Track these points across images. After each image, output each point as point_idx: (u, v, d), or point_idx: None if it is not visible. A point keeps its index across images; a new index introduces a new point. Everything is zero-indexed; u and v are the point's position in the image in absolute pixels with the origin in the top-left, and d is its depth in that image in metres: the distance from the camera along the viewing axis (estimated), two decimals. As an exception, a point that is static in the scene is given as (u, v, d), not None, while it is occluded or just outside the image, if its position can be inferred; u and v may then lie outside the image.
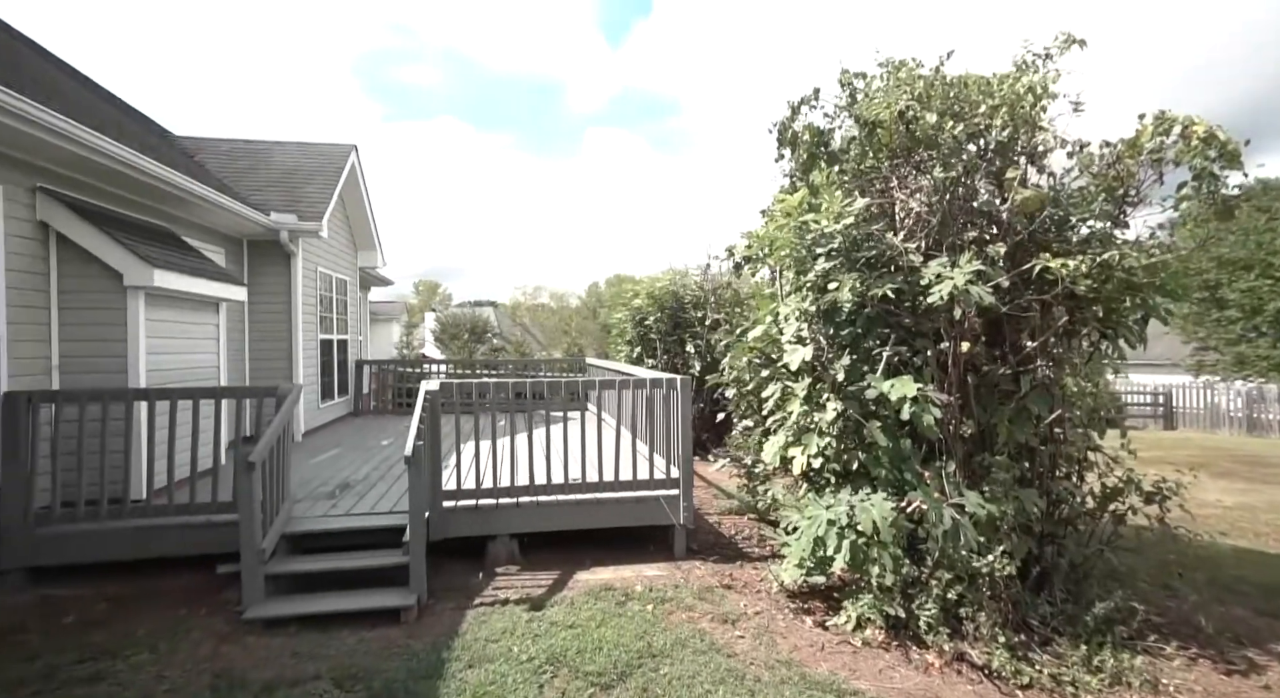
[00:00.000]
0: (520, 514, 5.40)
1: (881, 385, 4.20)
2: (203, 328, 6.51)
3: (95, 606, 4.52)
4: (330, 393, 10.28)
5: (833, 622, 4.42)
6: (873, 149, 4.75)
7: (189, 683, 3.50)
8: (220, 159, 9.69)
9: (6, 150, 4.75)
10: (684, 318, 11.98)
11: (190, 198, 6.52)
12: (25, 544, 4.67)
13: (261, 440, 4.55)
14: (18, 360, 4.82)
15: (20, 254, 4.89)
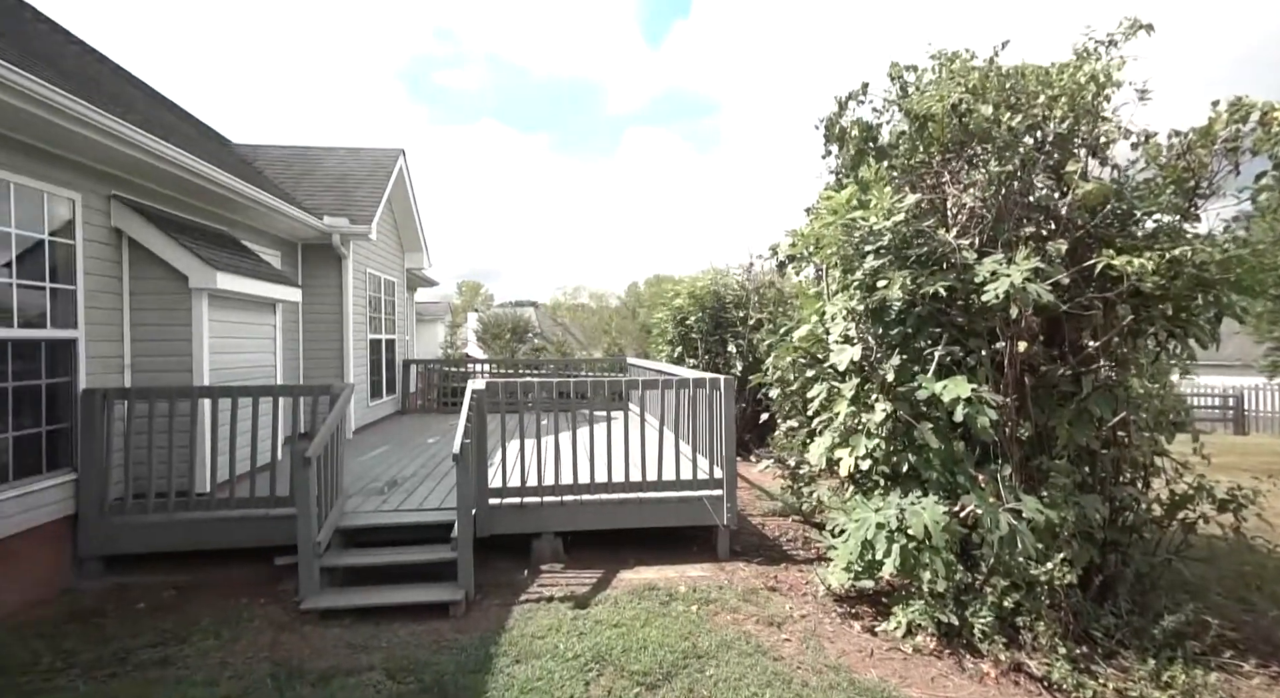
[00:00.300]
0: (564, 513, 5.45)
1: (933, 386, 4.08)
2: (261, 328, 6.76)
3: (163, 593, 4.74)
4: (379, 392, 10.56)
5: (882, 627, 4.32)
6: (923, 143, 4.63)
7: (251, 670, 3.64)
8: (275, 165, 10.06)
9: (85, 160, 5.02)
10: (725, 317, 11.90)
11: (250, 203, 6.78)
12: (101, 533, 4.93)
13: (317, 437, 4.70)
14: (94, 359, 5.09)
15: (97, 259, 5.17)
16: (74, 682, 3.50)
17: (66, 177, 4.88)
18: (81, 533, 4.90)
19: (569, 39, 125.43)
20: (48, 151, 4.68)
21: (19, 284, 4.48)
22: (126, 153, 4.95)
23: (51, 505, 4.70)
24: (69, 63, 5.80)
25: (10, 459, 4.41)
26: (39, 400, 4.65)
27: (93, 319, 5.09)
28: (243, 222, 7.50)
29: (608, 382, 5.67)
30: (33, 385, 4.60)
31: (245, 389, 5.25)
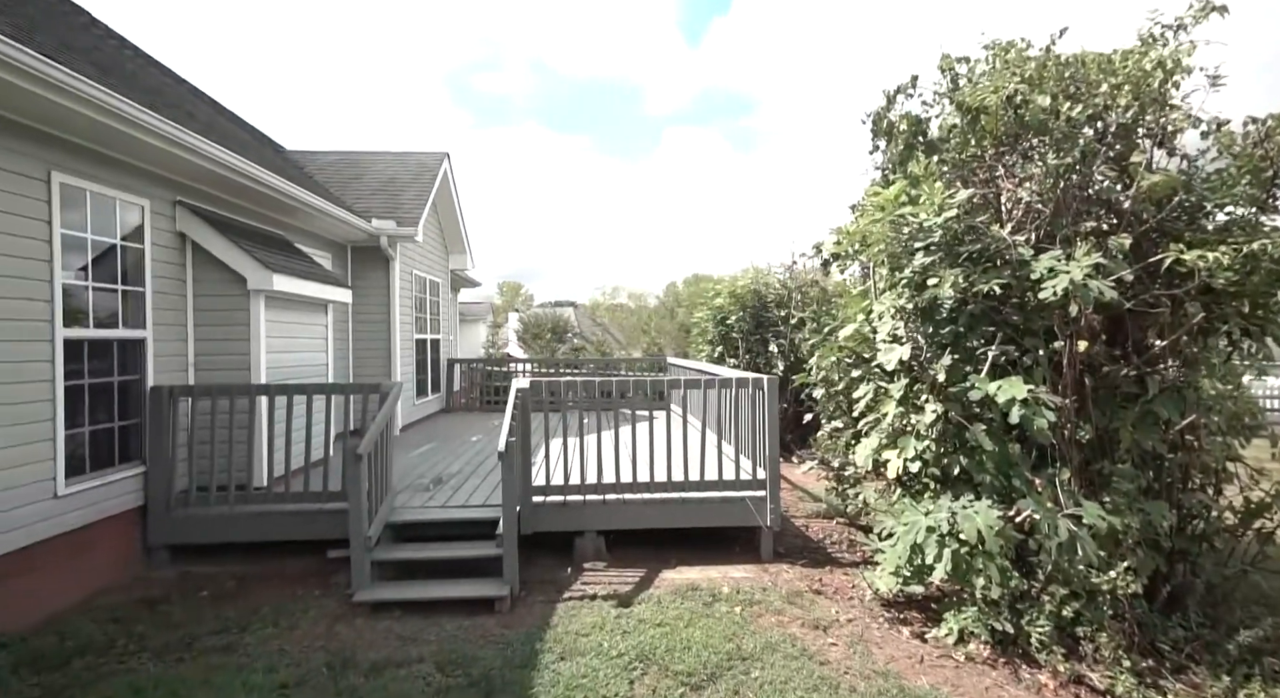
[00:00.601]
0: (607, 511, 5.47)
1: (987, 387, 3.96)
2: (313, 328, 6.99)
3: (225, 583, 4.94)
4: (424, 390, 10.80)
5: (932, 634, 4.21)
6: (975, 137, 4.49)
7: (307, 659, 3.76)
8: (326, 171, 10.38)
9: (153, 168, 5.27)
10: (767, 317, 11.78)
11: (304, 208, 7.02)
12: (168, 524, 5.17)
13: (367, 435, 4.83)
14: (161, 358, 5.34)
15: (163, 262, 5.42)
16: (145, 664, 3.68)
17: (136, 184, 5.13)
18: (150, 523, 5.15)
19: (608, 41, 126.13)
20: (119, 160, 4.93)
21: (94, 286, 4.73)
22: (191, 161, 5.18)
23: (123, 497, 4.95)
24: (140, 77, 6.09)
25: (87, 452, 4.66)
26: (111, 397, 4.90)
27: (159, 320, 5.34)
28: (296, 225, 7.76)
29: (650, 381, 5.68)
30: (106, 383, 4.85)
31: (300, 387, 5.43)
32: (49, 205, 4.32)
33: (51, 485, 4.30)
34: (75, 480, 4.50)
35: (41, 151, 4.28)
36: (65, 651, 3.77)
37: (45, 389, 4.27)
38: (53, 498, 4.31)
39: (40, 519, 4.23)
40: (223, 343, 5.78)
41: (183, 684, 3.45)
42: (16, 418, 4.06)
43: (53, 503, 4.31)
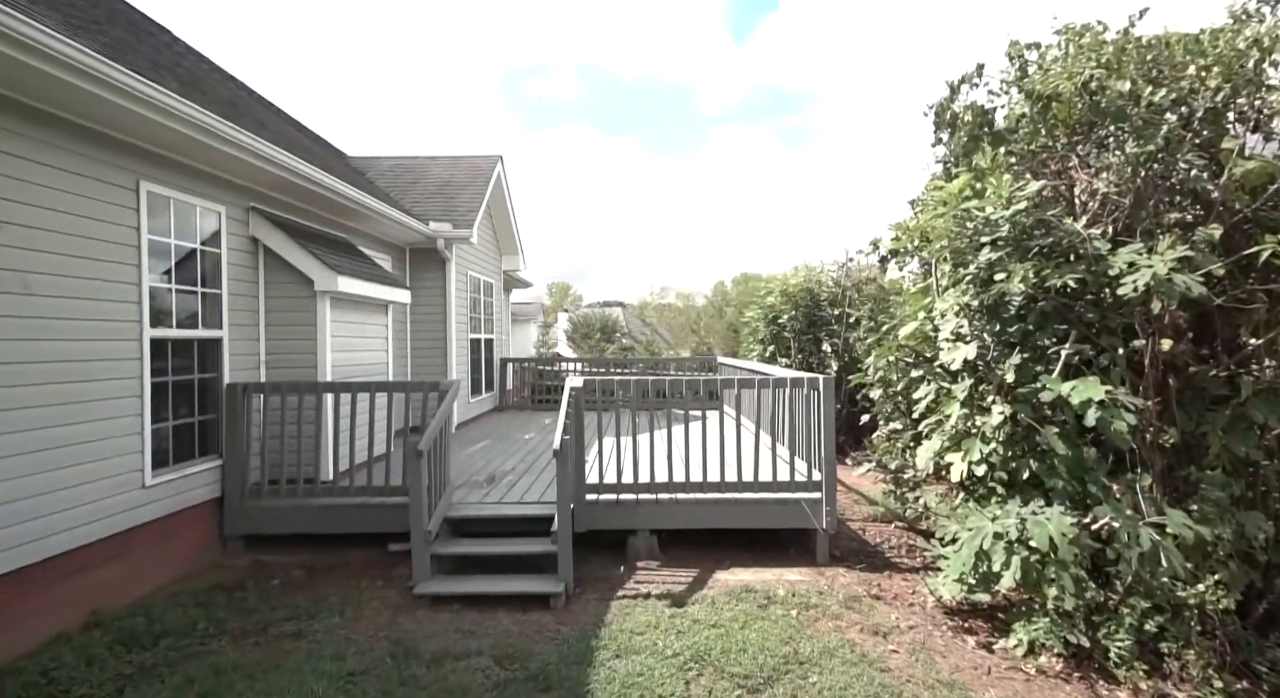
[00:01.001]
0: (660, 511, 5.47)
1: (1059, 387, 3.78)
2: (374, 328, 7.23)
3: (294, 572, 5.16)
4: (478, 388, 11.03)
5: (1001, 645, 4.05)
6: (1046, 126, 4.29)
7: (372, 648, 3.89)
8: (386, 175, 10.72)
9: (229, 177, 5.55)
10: (820, 316, 11.57)
11: (367, 212, 7.27)
12: (242, 515, 5.43)
13: (427, 432, 4.96)
14: (235, 357, 5.62)
15: (238, 265, 5.70)
16: (224, 647, 3.87)
17: (214, 191, 5.41)
18: (226, 513, 5.42)
19: (657, 42, 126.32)
20: (199, 169, 5.21)
21: (176, 289, 5.01)
22: (266, 169, 5.43)
23: (202, 488, 5.23)
24: (217, 90, 6.43)
25: (170, 445, 4.94)
26: (192, 393, 5.19)
27: (234, 320, 5.62)
28: (358, 228, 8.05)
29: (704, 381, 5.65)
30: (187, 380, 5.13)
31: (363, 385, 5.63)
32: (138, 213, 4.59)
33: (140, 476, 4.58)
34: (160, 472, 4.77)
35: (131, 163, 4.56)
36: (154, 632, 4.00)
37: (134, 386, 4.54)
38: (141, 488, 4.59)
39: (130, 508, 4.50)
40: (291, 342, 6.04)
41: (258, 668, 3.61)
42: (110, 412, 4.34)
43: (141, 493, 4.59)
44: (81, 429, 4.12)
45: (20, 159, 3.75)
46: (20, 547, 3.75)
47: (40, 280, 3.86)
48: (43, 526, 3.88)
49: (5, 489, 3.66)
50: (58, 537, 3.97)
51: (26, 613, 3.80)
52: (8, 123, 3.68)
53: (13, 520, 3.70)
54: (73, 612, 4.08)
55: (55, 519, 3.95)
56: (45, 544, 3.90)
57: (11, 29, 3.17)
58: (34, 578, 3.84)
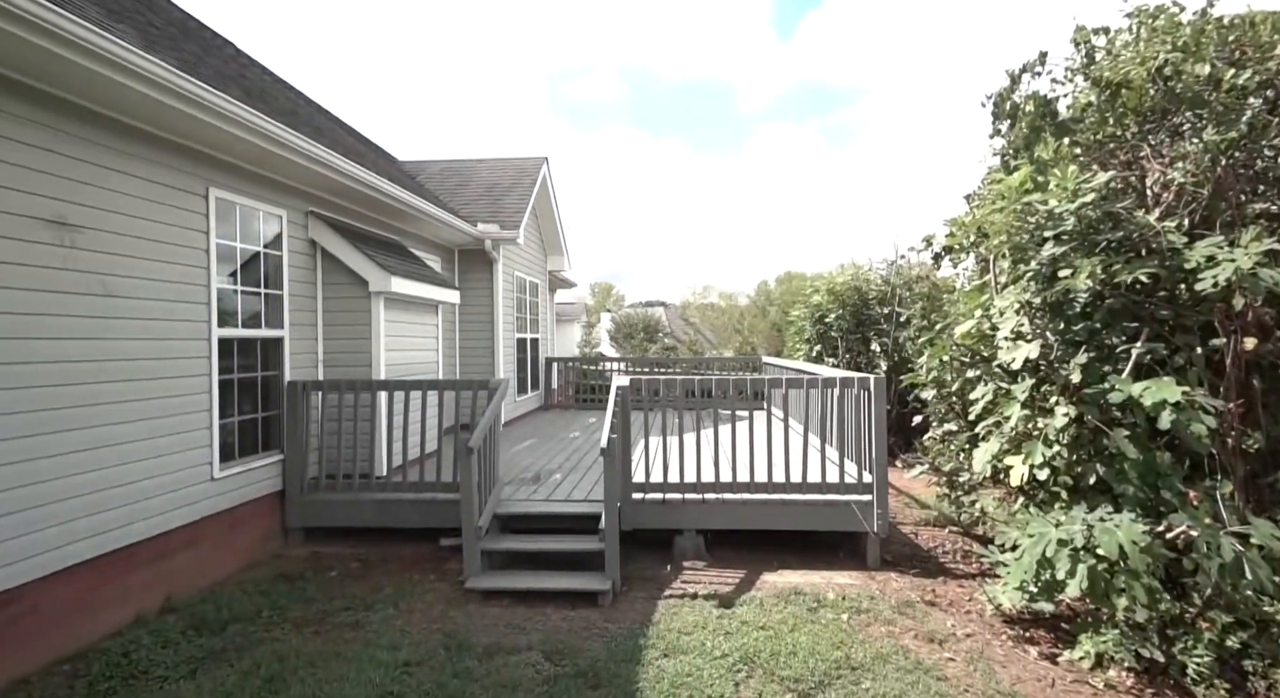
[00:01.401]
0: (706, 511, 5.44)
1: (1130, 388, 3.60)
2: (425, 327, 7.40)
3: (350, 564, 5.32)
4: (524, 387, 11.18)
5: (1066, 656, 3.88)
6: (1114, 115, 4.10)
7: (426, 639, 3.98)
8: (435, 179, 10.97)
9: (290, 182, 5.77)
10: (867, 315, 11.33)
11: (419, 214, 7.45)
12: (301, 508, 5.64)
13: (477, 429, 5.05)
14: (296, 355, 5.83)
15: (298, 267, 5.92)
16: (287, 634, 4.03)
17: (276, 196, 5.63)
18: (287, 506, 5.63)
19: (699, 41, 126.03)
20: (263, 176, 5.43)
21: (241, 290, 5.23)
22: (325, 174, 5.63)
23: (265, 481, 5.45)
24: (277, 99, 6.69)
25: (235, 440, 5.16)
26: (255, 391, 5.41)
27: (295, 320, 5.84)
28: (409, 230, 8.26)
29: (749, 380, 5.59)
30: (251, 378, 5.35)
31: (415, 383, 5.77)
32: (207, 218, 4.82)
33: (209, 469, 4.80)
34: (227, 465, 4.99)
35: (202, 170, 4.78)
36: (222, 618, 4.19)
37: (203, 383, 4.76)
38: (209, 480, 4.81)
39: (200, 499, 4.73)
40: (347, 341, 6.24)
41: (319, 656, 3.74)
42: (181, 408, 4.56)
43: (210, 485, 4.81)
44: (156, 424, 4.34)
45: (103, 168, 3.98)
46: (107, 533, 3.98)
47: (118, 282, 4.08)
48: (125, 514, 4.10)
49: (92, 479, 3.89)
50: (137, 525, 4.19)
51: (111, 596, 4.02)
52: (93, 135, 3.91)
53: (100, 508, 3.93)
54: (151, 596, 4.30)
55: (135, 508, 4.17)
56: (127, 532, 4.13)
57: (108, 51, 3.37)
58: (118, 563, 4.06)
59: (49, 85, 3.60)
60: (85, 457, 3.85)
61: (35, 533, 3.56)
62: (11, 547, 3.44)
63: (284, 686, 3.43)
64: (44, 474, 3.61)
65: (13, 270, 3.46)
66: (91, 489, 3.89)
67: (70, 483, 3.75)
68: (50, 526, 3.65)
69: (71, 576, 3.78)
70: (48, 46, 3.17)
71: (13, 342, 3.47)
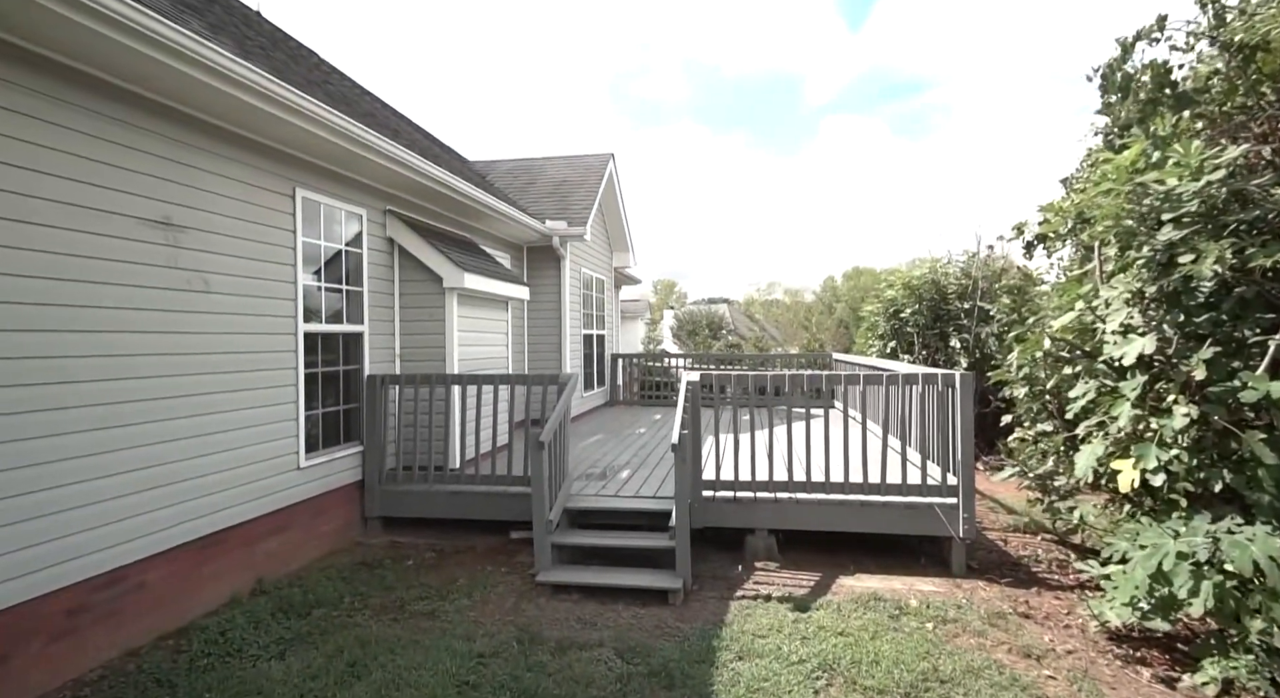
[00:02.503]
0: (779, 510, 5.28)
1: (1267, 386, 3.22)
2: (495, 323, 7.52)
3: (425, 554, 5.45)
4: (590, 383, 11.24)
5: (1188, 682, 3.52)
6: (1247, 83, 3.67)
7: (499, 631, 4.01)
8: (504, 178, 11.16)
9: (370, 182, 5.96)
10: (945, 310, 10.78)
11: (489, 212, 7.58)
12: (380, 498, 5.82)
13: (548, 424, 5.07)
14: (375, 350, 6.03)
15: (377, 264, 6.11)
16: (368, 621, 4.14)
17: (356, 196, 5.83)
18: (366, 496, 5.83)
19: (764, 33, 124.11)
20: (345, 176, 5.62)
21: (325, 287, 5.44)
22: (404, 174, 5.79)
23: (346, 472, 5.65)
24: (357, 103, 6.94)
25: (320, 431, 5.38)
26: (338, 384, 5.62)
27: (374, 316, 6.03)
28: (480, 228, 8.41)
29: (825, 376, 5.38)
30: (334, 372, 5.56)
31: (487, 378, 5.85)
32: (294, 217, 5.02)
33: (296, 458, 5.01)
34: (312, 455, 5.20)
35: (289, 171, 4.98)
36: (307, 602, 4.36)
37: (290, 376, 4.97)
38: (296, 469, 5.02)
39: (288, 487, 4.94)
40: (422, 336, 6.40)
41: (397, 643, 3.82)
42: (272, 400, 4.77)
43: (296, 474, 5.02)
44: (250, 414, 4.55)
45: (201, 171, 4.20)
46: (208, 516, 4.22)
47: (217, 280, 4.30)
48: (221, 499, 4.33)
49: (195, 465, 4.11)
50: (231, 510, 4.41)
51: (208, 577, 4.25)
52: (193, 139, 4.13)
53: (200, 493, 4.16)
54: (244, 578, 4.52)
55: (229, 494, 4.40)
56: (223, 516, 4.35)
57: (213, 61, 3.56)
58: (214, 547, 4.29)
59: (155, 93, 3.81)
60: (189, 444, 4.08)
61: (144, 514, 3.79)
62: (124, 527, 3.68)
63: (365, 671, 3.52)
64: (156, 459, 3.84)
65: (127, 268, 3.69)
66: (194, 475, 4.11)
67: (175, 469, 3.98)
68: (159, 508, 3.88)
69: (174, 557, 4.01)
70: (158, 57, 3.36)
71: (130, 336, 3.71)
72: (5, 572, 3.09)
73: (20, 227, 3.16)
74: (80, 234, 3.44)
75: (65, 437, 3.36)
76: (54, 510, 3.31)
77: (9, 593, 3.11)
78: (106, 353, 3.58)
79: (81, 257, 3.44)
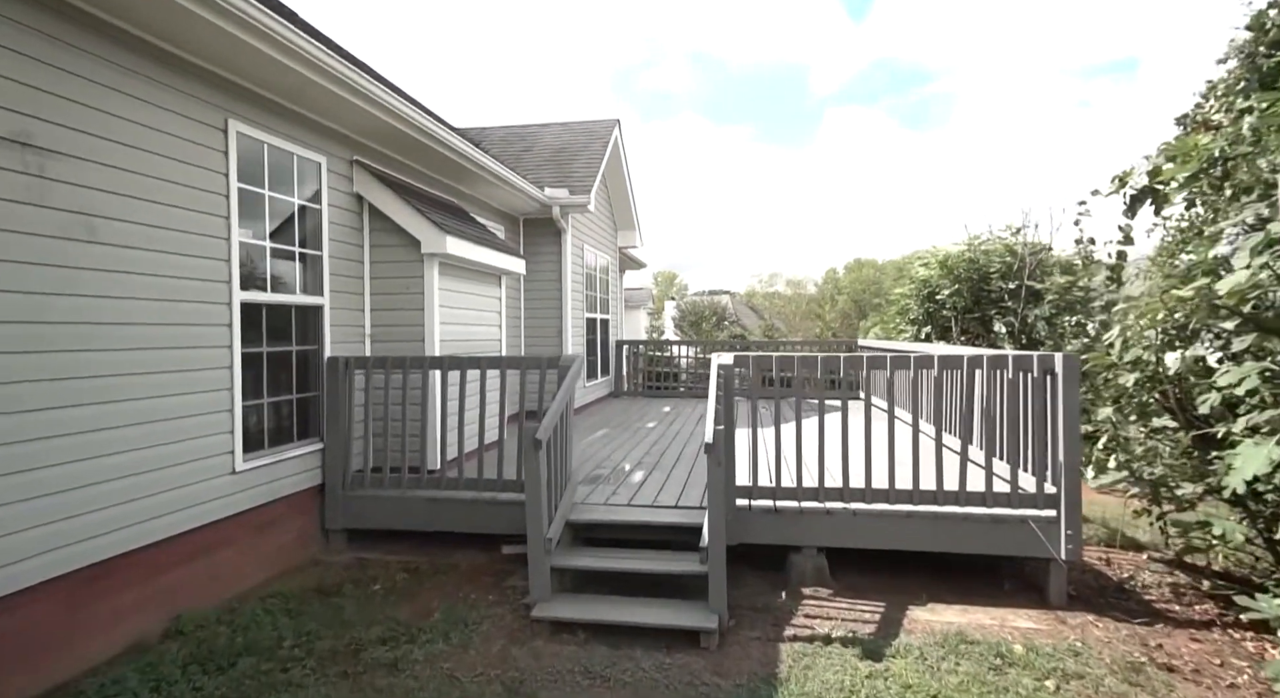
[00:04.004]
0: (831, 524, 4.28)
1: None
2: (486, 300, 6.50)
3: (396, 575, 4.45)
4: (594, 372, 10.22)
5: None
6: None
7: (481, 691, 3.02)
8: (497, 145, 10.10)
9: (332, 125, 4.91)
10: (986, 292, 9.75)
11: (480, 171, 6.55)
12: (344, 506, 4.81)
13: (546, 417, 4.06)
14: (338, 328, 5.01)
15: (341, 225, 5.08)
16: (307, 677, 3.14)
17: (313, 139, 4.79)
18: (328, 504, 4.82)
19: (768, 25, 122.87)
20: (297, 113, 4.58)
21: (271, 247, 4.40)
22: (372, 114, 4.75)
23: (302, 474, 4.64)
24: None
25: (265, 426, 4.36)
26: (289, 368, 4.60)
27: (337, 286, 5.00)
28: (470, 194, 7.38)
29: (889, 358, 4.36)
30: (283, 352, 4.54)
31: (474, 361, 4.84)
32: (226, 156, 3.98)
33: (229, 460, 4.00)
34: (253, 456, 4.19)
35: (218, 98, 3.94)
36: (235, 648, 3.36)
37: (222, 356, 3.95)
38: (230, 474, 4.01)
39: (218, 497, 3.93)
40: (397, 312, 5.38)
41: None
42: (193, 386, 3.75)
43: (230, 479, 4.01)
44: (158, 404, 3.53)
45: (83, 81, 3.14)
46: (100, 537, 3.21)
47: (110, 228, 3.27)
48: (120, 514, 3.31)
49: (80, 471, 3.10)
50: (135, 528, 3.40)
51: (105, 615, 3.25)
52: (69, 35, 3.08)
53: (91, 507, 3.15)
54: (155, 615, 3.53)
55: (133, 508, 3.38)
56: (124, 536, 3.34)
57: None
58: (111, 575, 3.29)
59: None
60: (69, 444, 3.06)
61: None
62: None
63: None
64: (15, 464, 2.83)
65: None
66: (76, 483, 3.09)
67: (44, 477, 2.96)
68: (22, 529, 2.86)
69: (50, 592, 3.00)
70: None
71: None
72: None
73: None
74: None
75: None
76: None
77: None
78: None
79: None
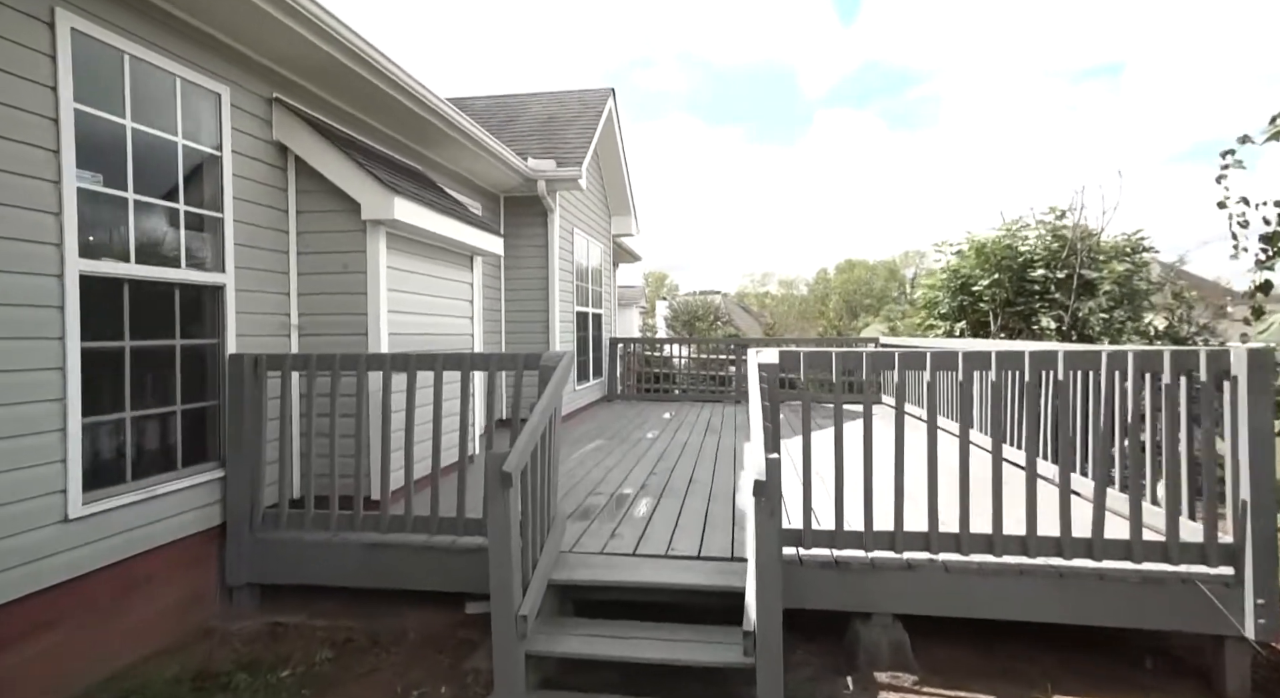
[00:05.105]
0: (911, 582, 3.12)
1: None
2: (454, 285, 5.28)
3: (319, 652, 3.24)
4: (585, 373, 9.01)
5: None
6: None
7: None
8: (480, 116, 8.86)
9: (237, 44, 3.68)
10: (1028, 283, 8.66)
11: (450, 130, 5.35)
12: (253, 554, 3.58)
13: (521, 438, 2.86)
14: (247, 315, 3.77)
15: (252, 180, 3.85)
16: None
17: (206, 60, 3.54)
18: (230, 552, 3.59)
19: (759, 27, 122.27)
20: (179, 19, 3.33)
21: (136, 200, 3.16)
22: (298, 33, 3.56)
23: (189, 514, 3.41)
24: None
25: (129, 450, 3.13)
26: (170, 369, 3.36)
27: (245, 261, 3.77)
28: (440, 161, 6.17)
29: (961, 354, 3.20)
30: (160, 347, 3.31)
31: (427, 359, 3.62)
32: (53, 63, 2.75)
33: (59, 502, 2.76)
34: (101, 494, 2.95)
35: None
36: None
37: (49, 351, 2.72)
38: (61, 522, 2.77)
39: (41, 556, 2.69)
40: (334, 297, 4.16)
41: None
42: None
43: (59, 529, 2.76)
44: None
45: None
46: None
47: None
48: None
49: None
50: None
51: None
52: None
53: None
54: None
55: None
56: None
57: None
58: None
59: None
60: None
61: None
62: None
63: None
64: None
65: None
66: None
67: None
68: None
69: None
70: None
71: None
72: None
73: None
74: None
75: None
76: None
77: None
78: None
79: None
